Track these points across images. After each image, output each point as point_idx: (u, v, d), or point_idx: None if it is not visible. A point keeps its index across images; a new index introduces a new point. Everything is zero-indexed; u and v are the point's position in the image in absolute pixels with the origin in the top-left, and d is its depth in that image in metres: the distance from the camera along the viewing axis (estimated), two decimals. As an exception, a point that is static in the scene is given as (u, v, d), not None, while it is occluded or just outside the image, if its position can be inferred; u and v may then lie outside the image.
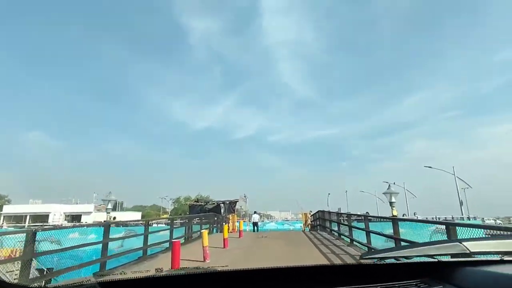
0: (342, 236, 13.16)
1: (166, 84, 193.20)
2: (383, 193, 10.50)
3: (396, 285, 1.26)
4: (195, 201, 25.04)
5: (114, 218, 29.58)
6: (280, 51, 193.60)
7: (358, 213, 13.30)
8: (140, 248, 9.98)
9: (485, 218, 39.44)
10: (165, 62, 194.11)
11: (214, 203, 24.39)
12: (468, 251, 1.18)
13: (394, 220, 7.35)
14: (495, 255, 1.31)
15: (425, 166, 44.52)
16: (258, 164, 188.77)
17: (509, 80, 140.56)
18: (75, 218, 59.73)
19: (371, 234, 9.23)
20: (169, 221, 23.31)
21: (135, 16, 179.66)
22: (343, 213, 12.64)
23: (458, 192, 32.59)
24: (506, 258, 1.28)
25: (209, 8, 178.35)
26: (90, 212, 58.93)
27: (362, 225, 10.08)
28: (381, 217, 10.36)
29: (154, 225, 33.54)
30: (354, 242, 11.00)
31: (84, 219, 57.70)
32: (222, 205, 24.24)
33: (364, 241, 9.63)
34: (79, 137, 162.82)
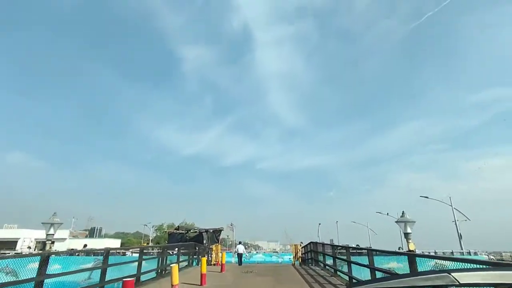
0: (339, 273, 11.45)
1: (157, 111, 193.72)
2: (396, 222, 8.79)
3: None
4: (175, 229, 22.78)
5: (85, 245, 26.80)
6: (271, 81, 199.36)
7: (357, 245, 11.72)
8: (94, 286, 8.06)
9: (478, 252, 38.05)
10: (156, 89, 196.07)
11: (196, 231, 22.10)
12: (457, 283, 1.21)
13: (412, 257, 5.71)
14: (484, 287, 1.35)
15: (421, 196, 43.42)
16: (247, 192, 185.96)
17: (488, 119, 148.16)
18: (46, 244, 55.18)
19: (376, 272, 7.65)
20: (145, 250, 20.90)
21: (130, 44, 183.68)
22: (339, 246, 11.05)
23: (456, 225, 31.27)
24: None
25: (203, 39, 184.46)
26: (64, 239, 54.63)
27: (363, 260, 8.54)
28: (394, 252, 8.69)
29: (129, 254, 30.56)
30: (354, 280, 9.34)
31: (57, 246, 53.36)
32: (205, 233, 21.96)
33: (368, 278, 8.03)
34: (64, 160, 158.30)
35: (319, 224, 47.78)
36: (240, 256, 22.65)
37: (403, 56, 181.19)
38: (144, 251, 21.96)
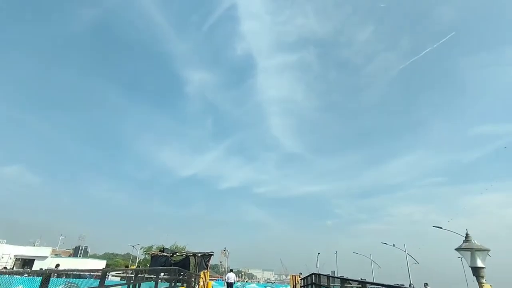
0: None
1: (157, 131, 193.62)
2: (457, 249, 6.44)
3: None
4: (160, 251, 20.28)
5: (58, 265, 24.04)
6: (271, 107, 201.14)
7: (372, 282, 9.44)
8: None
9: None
10: (158, 109, 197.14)
11: (182, 255, 19.61)
12: None
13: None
14: None
15: (434, 226, 40.69)
16: (242, 217, 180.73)
17: (486, 153, 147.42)
18: (27, 263, 51.42)
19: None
20: (125, 274, 18.20)
21: (136, 66, 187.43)
22: (353, 280, 8.87)
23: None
24: None
25: (207, 63, 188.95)
26: (45, 257, 50.94)
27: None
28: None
29: (112, 278, 27.45)
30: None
31: (38, 265, 49.66)
32: (192, 258, 19.46)
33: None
34: (59, 178, 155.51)
35: (318, 253, 44.59)
36: (230, 285, 19.99)
37: (402, 88, 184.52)
38: (114, 274, 19.02)
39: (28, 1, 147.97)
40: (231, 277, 22.01)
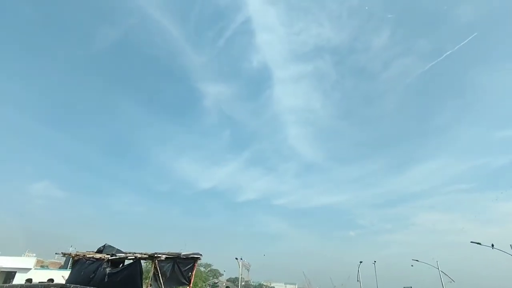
0: None
1: (174, 144, 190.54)
2: None
3: None
4: (98, 251, 11.26)
5: (29, 280, 15.86)
6: (289, 116, 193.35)
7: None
8: None
9: None
10: (177, 122, 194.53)
11: (133, 258, 10.19)
12: None
13: None
14: None
15: (472, 242, 30.67)
16: (262, 229, 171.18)
17: None
18: (8, 275, 44.22)
19: None
20: None
21: (155, 80, 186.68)
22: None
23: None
24: None
25: (223, 76, 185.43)
26: (29, 269, 43.47)
27: None
28: None
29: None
30: None
31: (19, 278, 42.23)
32: (149, 263, 10.17)
33: None
34: (83, 191, 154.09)
35: (360, 262, 33.87)
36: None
37: (421, 93, 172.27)
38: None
39: (50, 22, 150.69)
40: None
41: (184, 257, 11.62)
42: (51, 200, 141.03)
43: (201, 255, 12.72)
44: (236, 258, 40.23)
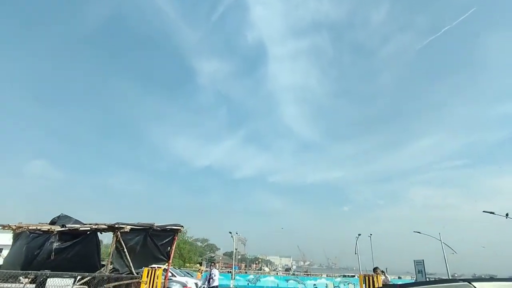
0: None
1: (170, 123, 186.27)
2: None
3: None
4: (51, 223, 9.16)
5: None
6: (285, 94, 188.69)
7: None
8: None
9: None
10: (172, 101, 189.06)
11: (88, 230, 8.16)
12: None
13: None
14: None
15: (484, 211, 28.99)
16: (258, 206, 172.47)
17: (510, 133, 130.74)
18: (-4, 252, 42.77)
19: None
20: None
21: (149, 58, 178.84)
22: None
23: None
24: None
25: (218, 53, 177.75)
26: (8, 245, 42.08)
27: None
28: None
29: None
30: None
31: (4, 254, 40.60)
32: (113, 236, 8.07)
33: None
34: (81, 171, 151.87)
35: (359, 235, 32.88)
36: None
37: (419, 69, 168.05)
38: None
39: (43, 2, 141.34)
40: (217, 274, 11.03)
41: (159, 228, 9.63)
42: (51, 181, 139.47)
43: (182, 226, 10.76)
44: (230, 232, 39.08)
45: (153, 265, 10.44)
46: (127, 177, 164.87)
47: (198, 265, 54.39)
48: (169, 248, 10.35)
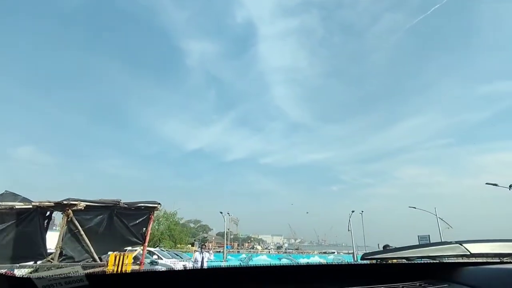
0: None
1: (160, 105, 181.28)
2: None
3: (400, 286, 1.18)
4: None
5: None
6: (275, 75, 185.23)
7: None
8: None
9: None
10: (161, 83, 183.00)
11: (29, 208, 6.73)
12: (468, 253, 1.18)
13: None
14: (494, 257, 1.33)
15: (487, 183, 28.58)
16: (251, 187, 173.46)
17: (494, 112, 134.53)
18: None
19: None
20: None
21: (136, 39, 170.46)
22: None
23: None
24: (505, 259, 1.31)
25: (207, 33, 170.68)
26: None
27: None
28: None
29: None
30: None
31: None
32: (67, 214, 6.59)
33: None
34: (70, 155, 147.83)
35: (352, 212, 32.32)
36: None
37: (409, 50, 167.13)
38: None
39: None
40: (205, 258, 9.74)
41: (129, 207, 8.13)
42: (39, 166, 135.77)
43: (159, 204, 9.29)
44: (221, 212, 38.18)
45: (128, 248, 9.07)
46: (120, 161, 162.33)
47: (190, 245, 53.97)
48: (144, 229, 8.92)
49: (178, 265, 18.76)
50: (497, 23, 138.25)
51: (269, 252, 38.01)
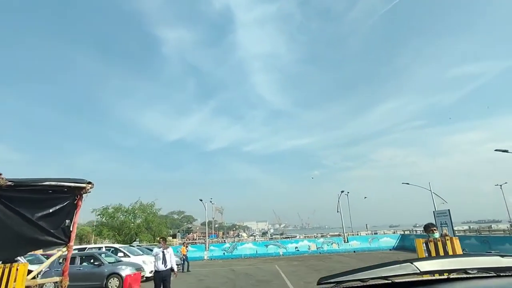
0: None
1: (136, 96, 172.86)
2: None
3: None
4: None
5: None
6: (254, 63, 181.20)
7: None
8: None
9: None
10: (136, 74, 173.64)
11: None
12: (418, 271, 1.21)
13: None
14: (442, 274, 1.36)
15: (496, 150, 27.45)
16: (233, 176, 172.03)
17: (465, 94, 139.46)
18: None
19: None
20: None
21: (105, 26, 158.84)
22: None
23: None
24: (451, 276, 1.33)
25: (182, 20, 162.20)
26: None
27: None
28: None
29: None
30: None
31: None
32: None
33: None
34: (44, 152, 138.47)
35: (342, 192, 30.54)
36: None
37: (384, 35, 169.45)
38: None
39: None
40: (162, 255, 7.01)
41: (21, 184, 5.14)
42: (10, 164, 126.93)
43: (89, 183, 6.33)
44: (201, 200, 35.38)
45: (38, 252, 6.08)
46: (97, 156, 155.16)
47: (170, 237, 50.91)
48: (67, 221, 5.98)
49: (150, 262, 15.89)
50: (466, 6, 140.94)
51: (255, 239, 35.77)
